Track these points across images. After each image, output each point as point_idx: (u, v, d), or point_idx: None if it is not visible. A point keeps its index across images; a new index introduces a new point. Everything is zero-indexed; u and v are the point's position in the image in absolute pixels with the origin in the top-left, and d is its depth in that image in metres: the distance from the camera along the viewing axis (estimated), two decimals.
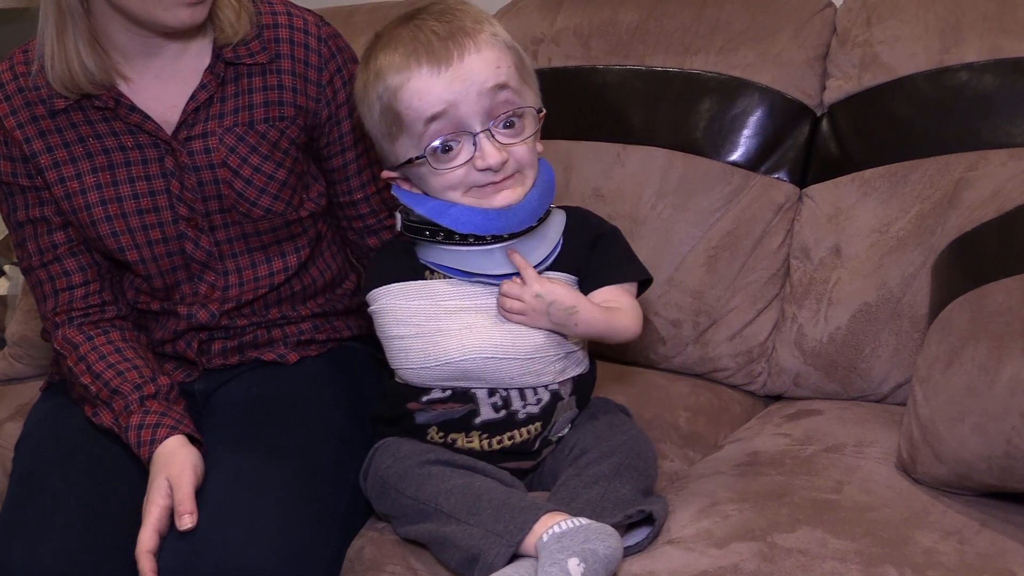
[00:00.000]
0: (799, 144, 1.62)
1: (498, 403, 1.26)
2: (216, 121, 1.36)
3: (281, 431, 1.33)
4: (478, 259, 1.26)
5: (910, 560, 1.08)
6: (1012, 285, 1.16)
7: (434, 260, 1.29)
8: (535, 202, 1.27)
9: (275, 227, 1.40)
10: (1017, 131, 1.44)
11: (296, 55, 1.37)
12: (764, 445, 1.38)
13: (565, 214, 1.33)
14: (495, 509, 1.13)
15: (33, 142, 1.35)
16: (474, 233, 1.25)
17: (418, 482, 1.20)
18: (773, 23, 1.65)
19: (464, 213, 1.25)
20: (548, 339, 1.26)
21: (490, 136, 1.23)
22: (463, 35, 1.23)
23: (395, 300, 1.28)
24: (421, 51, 1.22)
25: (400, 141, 1.26)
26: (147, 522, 1.21)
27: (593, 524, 1.09)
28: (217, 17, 1.34)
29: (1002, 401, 1.11)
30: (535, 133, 1.27)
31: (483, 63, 1.22)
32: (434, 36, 1.23)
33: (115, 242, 1.37)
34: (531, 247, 1.28)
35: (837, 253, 1.54)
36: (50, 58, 1.30)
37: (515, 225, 1.26)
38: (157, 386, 1.34)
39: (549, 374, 1.26)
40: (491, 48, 1.24)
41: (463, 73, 1.22)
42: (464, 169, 1.24)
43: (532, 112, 1.27)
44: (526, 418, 1.26)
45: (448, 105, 1.21)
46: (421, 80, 1.22)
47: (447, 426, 1.27)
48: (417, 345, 1.26)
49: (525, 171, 1.26)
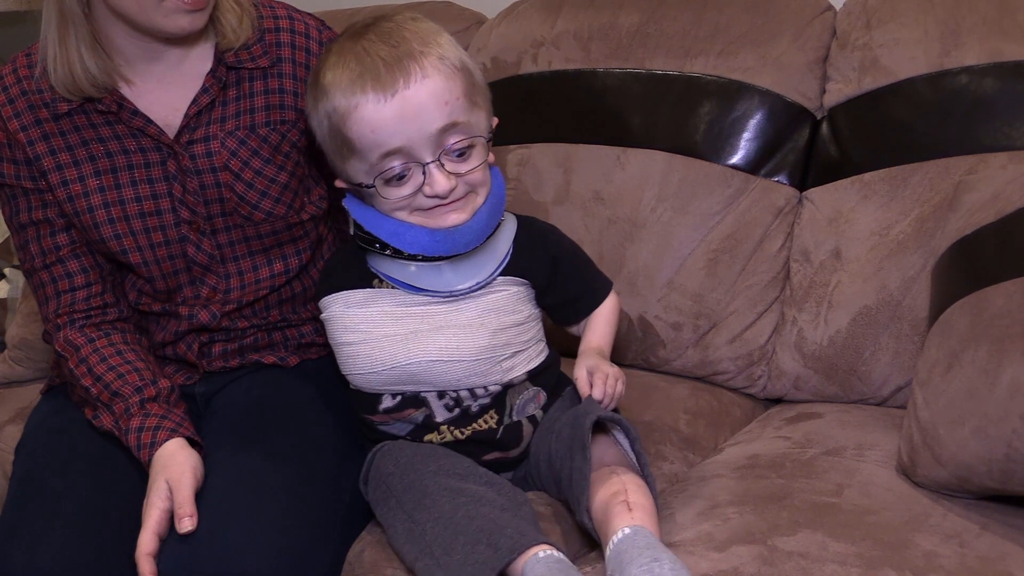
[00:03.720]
0: (799, 147, 1.62)
1: (449, 403, 1.28)
2: (218, 125, 1.36)
3: (281, 434, 1.33)
4: (426, 275, 1.28)
5: (910, 563, 1.08)
6: (1012, 288, 1.16)
7: (383, 271, 1.30)
8: (483, 222, 1.27)
9: (276, 230, 1.40)
10: (1017, 134, 1.44)
11: (297, 59, 1.38)
12: (764, 448, 1.38)
13: (516, 220, 1.34)
14: (467, 549, 1.11)
15: (37, 145, 1.35)
16: (422, 253, 1.26)
17: (416, 499, 1.19)
18: (773, 26, 1.65)
19: (411, 233, 1.25)
20: (493, 340, 1.27)
21: (440, 166, 1.23)
22: (409, 59, 1.21)
23: (343, 308, 1.30)
24: (367, 76, 1.21)
25: (351, 162, 1.26)
26: (147, 525, 1.21)
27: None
28: (219, 22, 1.34)
29: (1002, 404, 1.11)
30: (486, 158, 1.27)
31: (430, 96, 1.21)
32: (380, 61, 1.21)
33: (118, 244, 1.37)
34: (480, 261, 1.29)
35: (837, 256, 1.54)
36: (52, 61, 1.30)
37: (461, 247, 1.27)
38: (157, 389, 1.34)
39: (496, 374, 1.28)
40: (438, 76, 1.22)
41: (410, 107, 1.20)
42: (412, 195, 1.24)
43: (482, 140, 1.26)
44: (480, 409, 1.28)
45: (403, 144, 1.21)
46: (368, 108, 1.21)
47: (414, 433, 1.29)
48: (364, 351, 1.27)
49: (478, 190, 1.27)
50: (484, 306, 1.28)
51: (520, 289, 1.31)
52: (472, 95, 1.25)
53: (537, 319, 1.34)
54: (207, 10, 1.30)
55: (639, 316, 1.64)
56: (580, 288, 1.36)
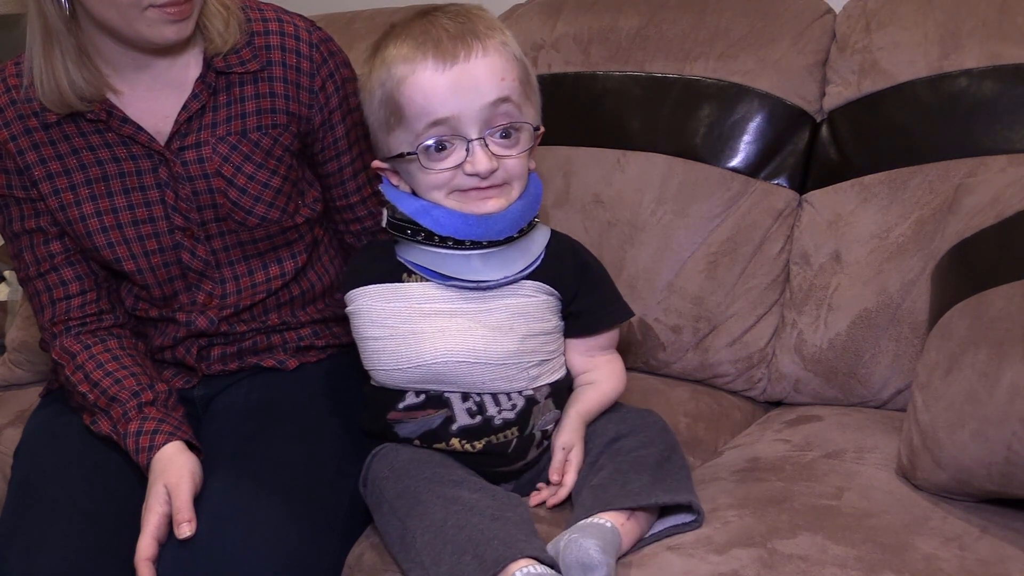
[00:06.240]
0: (799, 150, 1.62)
1: (472, 408, 1.26)
2: (209, 131, 1.36)
3: (280, 437, 1.33)
4: (455, 263, 1.27)
5: (910, 566, 1.08)
6: (1012, 291, 1.16)
7: (413, 260, 1.30)
8: (517, 214, 1.28)
9: (271, 234, 1.40)
10: (1016, 137, 1.44)
11: (288, 62, 1.37)
12: (764, 451, 1.38)
13: (550, 231, 1.34)
14: (454, 560, 1.11)
15: (27, 154, 1.35)
16: (453, 236, 1.26)
17: (408, 506, 1.19)
18: (773, 29, 1.65)
19: (445, 216, 1.26)
20: (521, 346, 1.26)
21: (484, 145, 1.24)
22: (473, 37, 1.24)
23: (371, 302, 1.29)
24: (429, 45, 1.24)
25: (395, 133, 1.27)
26: (146, 530, 1.21)
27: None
28: (206, 27, 1.33)
29: (1002, 407, 1.11)
30: (530, 148, 1.28)
31: (488, 71, 1.24)
32: (445, 33, 1.24)
33: (111, 253, 1.37)
34: (511, 257, 1.29)
35: (837, 259, 1.54)
36: (39, 76, 1.30)
37: (494, 233, 1.27)
38: (155, 393, 1.34)
39: (522, 380, 1.27)
40: (498, 56, 1.25)
41: (467, 79, 1.23)
42: (452, 171, 1.25)
43: (529, 128, 1.27)
44: (502, 424, 1.27)
45: (451, 115, 1.23)
46: (426, 74, 1.23)
47: (427, 437, 1.28)
48: (390, 347, 1.27)
49: (513, 183, 1.28)
50: (514, 309, 1.28)
51: (549, 299, 1.31)
52: (526, 87, 1.28)
53: (561, 332, 1.33)
54: (192, 19, 1.30)
55: (639, 319, 1.64)
56: (601, 300, 1.35)
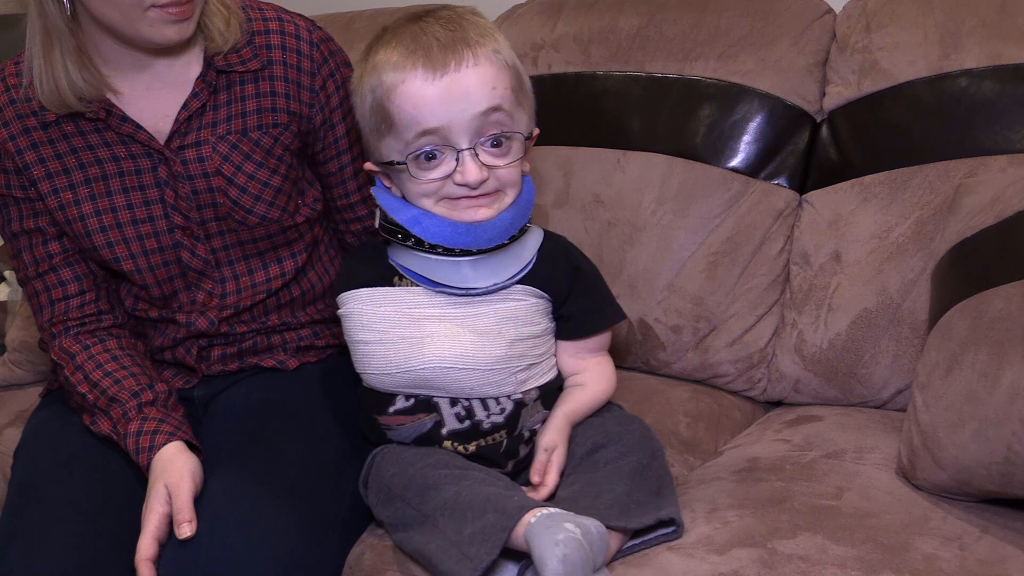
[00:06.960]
0: (799, 150, 1.62)
1: (461, 413, 1.26)
2: (209, 129, 1.36)
3: (281, 438, 1.33)
4: (445, 269, 1.27)
5: (910, 566, 1.08)
6: (1012, 291, 1.16)
7: (404, 264, 1.30)
8: (507, 221, 1.27)
9: (271, 234, 1.40)
10: (1016, 137, 1.44)
11: (288, 61, 1.37)
12: (764, 451, 1.38)
13: (543, 233, 1.34)
14: (476, 520, 1.12)
15: (26, 154, 1.35)
16: (442, 244, 1.26)
17: (421, 492, 1.20)
18: (773, 29, 1.65)
19: (434, 224, 1.26)
20: (509, 350, 1.26)
21: (474, 155, 1.23)
22: (464, 45, 1.23)
23: (362, 305, 1.29)
24: (419, 53, 1.22)
25: (386, 140, 1.27)
26: (146, 530, 1.21)
27: (573, 515, 1.09)
28: (206, 26, 1.33)
29: (1002, 407, 1.11)
30: (521, 156, 1.28)
31: (479, 80, 1.22)
32: (435, 41, 1.23)
33: (110, 252, 1.37)
34: (502, 263, 1.28)
35: (837, 259, 1.54)
36: (38, 77, 1.30)
37: (483, 242, 1.26)
38: (155, 393, 1.34)
39: (510, 384, 1.27)
40: (489, 65, 1.23)
41: (458, 89, 1.22)
42: (442, 181, 1.25)
43: (520, 136, 1.27)
44: (491, 427, 1.27)
45: (441, 125, 1.22)
46: (416, 84, 1.22)
47: (421, 440, 1.28)
48: (379, 351, 1.27)
49: (507, 189, 1.27)
50: (502, 314, 1.27)
51: (539, 301, 1.30)
52: (519, 94, 1.27)
53: (552, 334, 1.33)
54: (193, 19, 1.30)
55: (639, 319, 1.64)
56: (593, 303, 1.34)
